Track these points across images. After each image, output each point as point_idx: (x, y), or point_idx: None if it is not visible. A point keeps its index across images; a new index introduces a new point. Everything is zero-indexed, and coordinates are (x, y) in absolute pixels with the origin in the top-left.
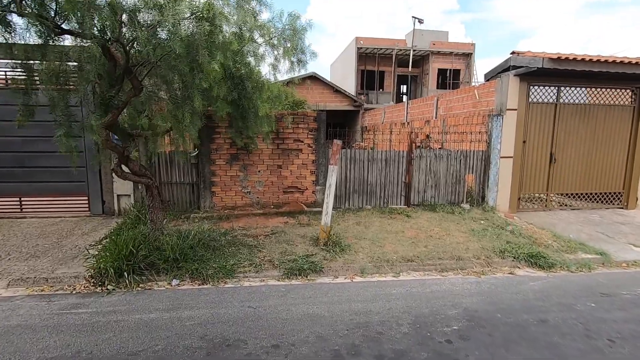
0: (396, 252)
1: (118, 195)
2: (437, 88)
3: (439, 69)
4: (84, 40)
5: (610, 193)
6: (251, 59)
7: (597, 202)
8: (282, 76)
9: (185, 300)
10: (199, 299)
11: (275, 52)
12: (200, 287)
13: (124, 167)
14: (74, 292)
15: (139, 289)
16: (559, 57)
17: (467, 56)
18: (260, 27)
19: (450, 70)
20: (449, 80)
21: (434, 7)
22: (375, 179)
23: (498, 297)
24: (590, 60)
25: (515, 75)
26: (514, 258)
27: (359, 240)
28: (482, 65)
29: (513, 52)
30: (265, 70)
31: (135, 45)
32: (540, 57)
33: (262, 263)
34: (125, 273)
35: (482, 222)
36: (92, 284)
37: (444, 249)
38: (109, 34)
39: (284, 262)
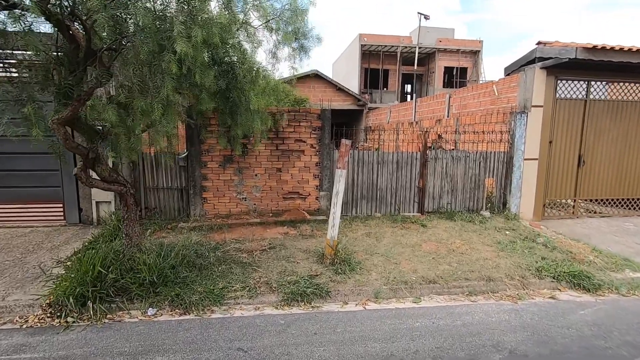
0: (415, 271)
1: (97, 202)
2: (444, 87)
3: (445, 67)
4: (34, 16)
5: None
6: (244, 42)
7: (628, 208)
8: (281, 63)
9: (161, 338)
10: (178, 337)
11: (274, 37)
12: (181, 317)
13: (93, 172)
14: (24, 326)
15: (107, 320)
16: (594, 47)
17: (475, 54)
18: (256, 7)
19: (457, 68)
20: (455, 78)
21: (436, 7)
22: (386, 183)
23: (547, 333)
24: (630, 50)
25: (541, 67)
26: (554, 278)
27: (370, 255)
28: (486, 65)
29: (539, 42)
30: (260, 58)
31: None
32: (572, 46)
33: (257, 286)
34: (89, 301)
35: (508, 232)
36: (49, 315)
37: (470, 266)
38: (68, 10)
39: (283, 284)
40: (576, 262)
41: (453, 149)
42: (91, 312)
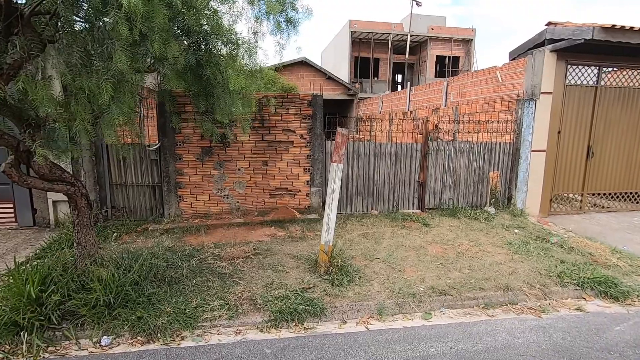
0: (422, 281)
1: (54, 202)
2: (435, 76)
3: (437, 56)
4: None
5: None
6: (224, 13)
7: (634, 202)
8: (266, 41)
9: None
10: None
11: (256, 9)
12: (143, 348)
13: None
14: None
15: (47, 355)
16: (613, 26)
17: (467, 42)
18: None
19: (449, 57)
20: (447, 68)
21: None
22: (383, 177)
23: (586, 359)
24: None
25: (551, 50)
26: (577, 285)
27: (370, 261)
28: (478, 56)
29: (549, 23)
30: (243, 34)
31: None
32: (588, 26)
33: (239, 303)
34: (25, 332)
35: (517, 231)
36: None
37: (484, 273)
38: None
39: (270, 300)
40: (599, 266)
41: (452, 140)
42: (25, 346)
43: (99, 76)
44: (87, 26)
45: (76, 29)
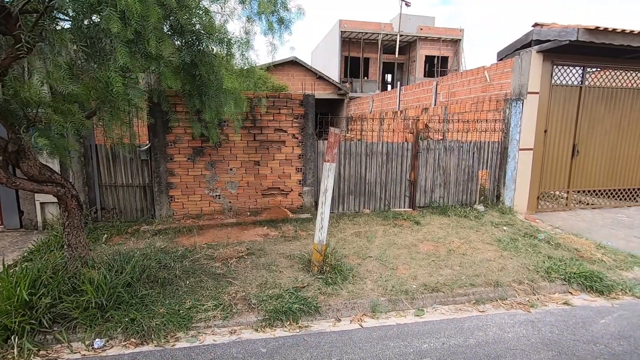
0: (415, 278)
1: (42, 203)
2: (424, 76)
3: (426, 56)
4: None
5: (633, 189)
6: (216, 13)
7: (618, 199)
8: (257, 40)
9: None
10: None
11: (248, 9)
12: (136, 349)
13: (23, 169)
14: None
15: (38, 359)
16: (597, 28)
17: (456, 42)
18: None
19: (438, 57)
20: (436, 67)
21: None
22: (375, 176)
23: (574, 351)
24: (632, 32)
25: (538, 51)
26: (564, 280)
27: (362, 259)
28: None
29: (536, 24)
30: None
31: None
32: (573, 27)
33: (233, 303)
34: (15, 336)
35: (506, 228)
36: None
37: (475, 270)
38: None
39: (264, 300)
40: (585, 261)
41: (441, 139)
42: (15, 350)
43: (107, 67)
44: (81, 24)
45: (67, 27)
